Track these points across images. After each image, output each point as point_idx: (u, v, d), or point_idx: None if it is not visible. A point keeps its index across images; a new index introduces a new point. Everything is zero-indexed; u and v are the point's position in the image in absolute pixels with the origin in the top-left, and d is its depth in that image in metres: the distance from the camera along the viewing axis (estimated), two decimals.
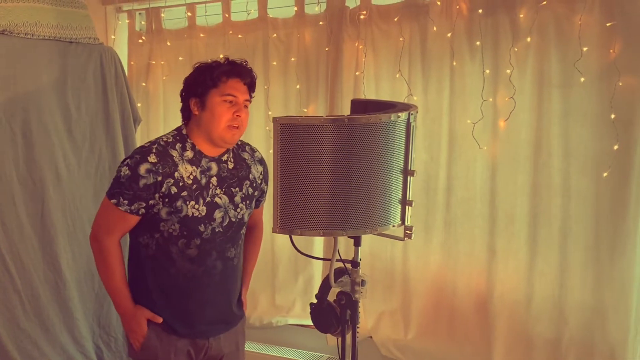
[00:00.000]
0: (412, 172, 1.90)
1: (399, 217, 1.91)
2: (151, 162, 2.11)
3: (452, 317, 2.95)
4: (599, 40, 2.58)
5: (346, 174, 1.78)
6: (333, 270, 2.01)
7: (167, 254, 2.20)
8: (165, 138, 2.21)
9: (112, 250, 2.21)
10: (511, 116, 2.74)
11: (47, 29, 2.89)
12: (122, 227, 2.20)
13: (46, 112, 2.88)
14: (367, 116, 1.82)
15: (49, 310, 2.84)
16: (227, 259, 2.28)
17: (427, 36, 2.90)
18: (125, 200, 2.12)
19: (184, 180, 2.16)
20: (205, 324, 2.30)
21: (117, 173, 2.15)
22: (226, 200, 2.24)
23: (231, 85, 2.16)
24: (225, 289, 2.32)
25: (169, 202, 2.14)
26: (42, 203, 2.83)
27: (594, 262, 2.67)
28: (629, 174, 2.56)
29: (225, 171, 2.25)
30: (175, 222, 2.17)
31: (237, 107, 2.17)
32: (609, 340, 2.64)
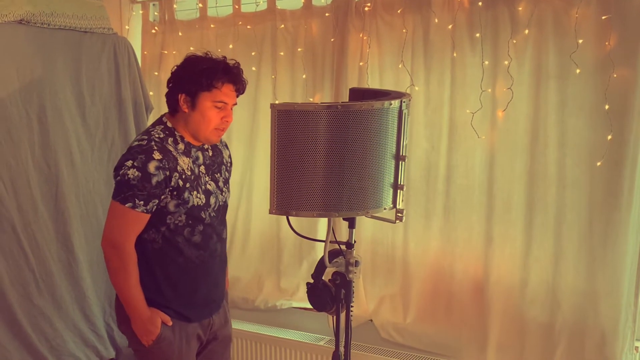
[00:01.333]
0: (404, 158, 2.00)
1: (391, 200, 2.01)
2: (157, 159, 2.16)
3: (450, 301, 3.03)
4: (595, 33, 2.64)
5: (340, 158, 1.87)
6: (327, 251, 2.12)
7: (174, 245, 2.28)
8: (157, 134, 2.25)
9: (132, 255, 2.23)
10: (509, 106, 2.81)
11: (63, 19, 3.01)
12: (139, 228, 2.23)
13: (61, 99, 3.00)
14: (360, 103, 1.91)
15: (62, 288, 2.97)
16: (223, 240, 2.42)
17: (429, 28, 2.97)
18: (141, 202, 2.15)
19: (185, 173, 2.25)
20: (211, 304, 2.42)
21: (123, 177, 2.14)
22: (214, 186, 2.35)
23: (224, 92, 2.22)
24: (223, 268, 2.47)
25: (177, 195, 2.22)
26: (56, 186, 2.96)
27: (587, 248, 2.73)
28: (622, 164, 2.62)
29: (208, 159, 2.36)
30: (183, 214, 2.25)
31: (226, 112, 2.25)
32: (601, 325, 2.71)
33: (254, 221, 3.54)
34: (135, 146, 2.21)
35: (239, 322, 3.41)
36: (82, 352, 3.03)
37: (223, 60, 2.26)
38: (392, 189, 2.00)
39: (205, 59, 2.26)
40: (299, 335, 3.33)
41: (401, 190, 2.01)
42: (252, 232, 3.55)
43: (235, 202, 3.50)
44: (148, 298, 2.28)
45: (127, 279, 2.24)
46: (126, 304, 2.27)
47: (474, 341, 2.99)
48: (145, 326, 2.27)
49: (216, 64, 2.24)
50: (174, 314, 2.32)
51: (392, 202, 2.01)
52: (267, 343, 3.35)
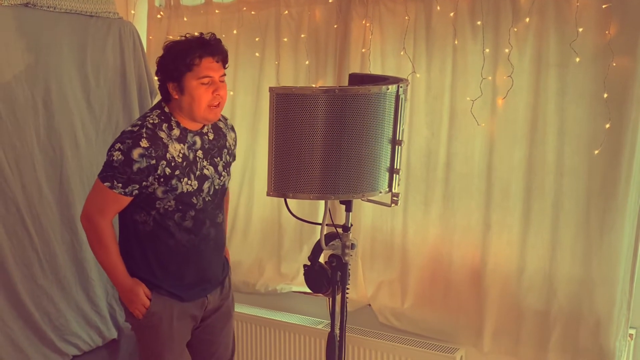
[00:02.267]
0: (400, 142, 2.03)
1: (387, 184, 2.04)
2: (143, 147, 2.20)
3: (447, 287, 3.06)
4: (595, 22, 2.64)
5: (337, 142, 1.90)
6: (324, 233, 2.15)
7: (165, 228, 2.33)
8: (152, 120, 2.29)
9: (106, 229, 2.30)
10: (509, 94, 2.82)
11: (69, 2, 3.04)
12: (116, 208, 2.30)
13: (66, 82, 3.03)
14: (357, 87, 1.94)
15: (65, 269, 3.02)
16: (218, 224, 2.44)
17: (431, 15, 2.98)
18: (119, 184, 2.21)
19: (175, 160, 2.28)
20: (204, 284, 2.46)
21: (109, 157, 2.21)
22: (212, 171, 2.38)
23: (205, 66, 2.23)
24: (218, 251, 2.50)
25: (164, 182, 2.26)
26: (60, 168, 3.00)
27: (583, 237, 2.75)
28: (620, 152, 2.63)
29: (207, 142, 2.38)
30: (172, 199, 2.29)
31: (215, 86, 2.26)
32: (596, 312, 2.74)
33: (256, 206, 3.57)
34: (128, 131, 2.26)
35: (240, 305, 3.45)
36: (84, 332, 3.09)
37: (197, 36, 2.28)
38: (388, 173, 2.03)
39: (180, 42, 2.28)
40: (298, 318, 3.37)
41: (397, 175, 2.04)
42: (253, 218, 3.59)
43: (237, 188, 3.54)
44: (140, 277, 2.36)
45: (103, 251, 2.32)
46: (108, 274, 2.37)
47: (470, 327, 3.02)
48: (127, 295, 2.35)
49: (190, 42, 2.26)
50: (166, 292, 2.38)
51: (388, 185, 2.04)
52: (267, 326, 3.40)
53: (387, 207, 2.13)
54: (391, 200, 2.09)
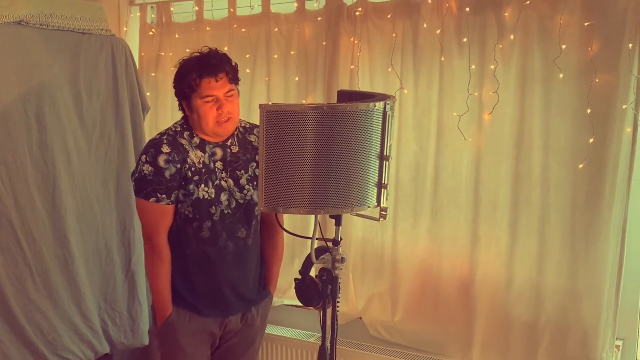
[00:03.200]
0: (387, 158, 2.07)
1: (375, 199, 2.08)
2: (166, 152, 2.29)
3: (437, 299, 3.11)
4: (578, 39, 2.71)
5: (326, 157, 1.94)
6: (314, 247, 2.18)
7: (184, 235, 2.39)
8: (174, 128, 2.41)
9: (163, 248, 2.37)
10: (495, 109, 2.88)
11: (61, 20, 3.08)
12: (167, 220, 2.37)
13: (59, 98, 3.06)
14: (345, 104, 1.98)
15: (58, 284, 3.03)
16: (238, 239, 2.44)
17: (418, 32, 3.04)
18: (163, 195, 2.29)
19: (195, 165, 2.34)
20: (222, 302, 2.48)
21: (140, 174, 2.29)
22: (231, 184, 2.40)
23: (205, 86, 2.28)
24: (241, 268, 2.48)
25: (185, 185, 2.32)
26: (53, 183, 3.02)
27: (570, 248, 2.80)
28: (604, 166, 2.69)
29: (230, 155, 2.41)
30: (189, 205, 2.34)
31: (220, 103, 2.31)
32: (583, 323, 2.78)
33: None
34: (151, 141, 2.37)
35: None
36: (77, 347, 3.09)
37: (200, 55, 2.33)
38: (377, 187, 2.07)
39: (186, 61, 2.35)
40: (290, 332, 3.41)
41: (385, 189, 2.09)
42: None
43: None
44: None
45: (155, 271, 2.39)
46: (153, 294, 2.43)
47: (460, 338, 3.06)
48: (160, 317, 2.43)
49: (191, 62, 2.32)
50: (183, 302, 2.43)
51: (376, 200, 2.08)
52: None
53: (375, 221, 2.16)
54: (380, 215, 2.13)
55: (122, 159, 3.31)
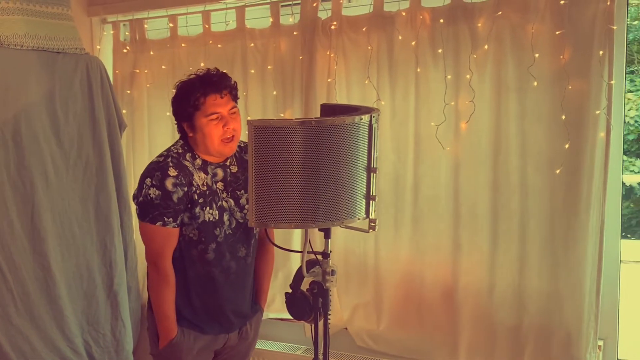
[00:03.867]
0: (375, 170, 2.10)
1: (364, 210, 2.11)
2: (173, 176, 2.27)
3: (421, 307, 3.14)
4: (550, 47, 2.78)
5: (315, 171, 1.96)
6: (305, 261, 2.20)
7: (188, 257, 2.38)
8: (175, 149, 2.37)
9: (169, 273, 2.35)
10: (471, 118, 2.93)
11: (36, 40, 3.05)
12: (173, 243, 2.35)
13: (36, 119, 3.03)
14: (333, 118, 2.01)
15: (40, 307, 2.99)
16: (239, 258, 2.46)
17: (393, 45, 3.08)
18: (170, 219, 2.28)
19: (200, 188, 2.33)
20: (225, 321, 2.49)
21: (145, 198, 2.27)
22: (232, 204, 2.40)
23: (210, 103, 2.29)
24: (240, 286, 2.50)
25: (191, 208, 2.31)
26: (32, 205, 2.98)
27: (550, 253, 2.86)
28: (580, 171, 2.76)
29: (230, 175, 2.41)
30: (195, 228, 2.34)
31: (225, 121, 2.32)
32: (565, 325, 2.84)
33: None
34: (154, 162, 2.33)
35: None
36: None
37: (201, 74, 2.34)
38: (365, 199, 2.09)
39: (187, 82, 2.34)
40: (276, 345, 3.40)
41: (373, 201, 2.11)
42: None
43: None
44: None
45: (160, 296, 2.36)
46: (157, 318, 2.40)
47: (445, 345, 3.09)
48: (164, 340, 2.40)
49: (193, 81, 2.32)
50: (187, 323, 2.42)
51: (365, 212, 2.11)
52: None
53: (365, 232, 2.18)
54: (369, 226, 2.15)
55: (100, 177, 3.28)
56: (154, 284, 2.38)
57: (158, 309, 2.38)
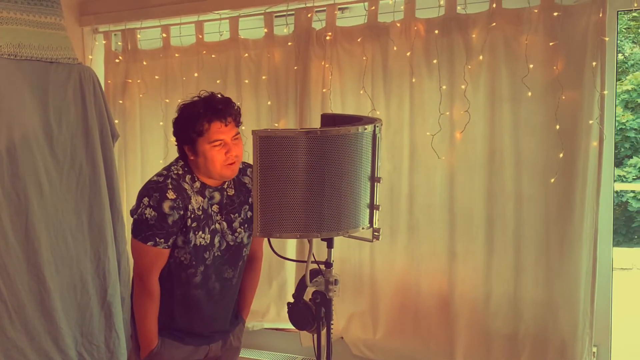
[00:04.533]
0: (379, 179, 2.11)
1: (368, 220, 2.12)
2: (171, 199, 2.25)
3: (417, 315, 3.15)
4: (544, 58, 2.83)
5: (319, 181, 1.96)
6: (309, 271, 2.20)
7: (177, 278, 2.38)
8: (176, 170, 2.34)
9: (154, 289, 2.35)
10: (466, 128, 2.97)
11: (29, 50, 3.03)
12: (162, 263, 2.35)
13: (29, 129, 3.00)
14: (338, 128, 2.01)
15: (34, 319, 2.95)
16: (225, 279, 2.45)
17: (388, 55, 3.11)
18: (162, 239, 2.27)
19: (195, 212, 2.32)
20: (207, 335, 2.49)
21: (141, 216, 2.26)
22: (224, 226, 2.40)
23: (214, 130, 2.26)
24: (224, 305, 2.50)
25: (185, 232, 2.30)
26: (26, 216, 2.95)
27: (544, 261, 2.90)
28: (574, 180, 2.80)
29: (226, 198, 2.40)
30: (188, 252, 2.33)
31: (228, 147, 2.29)
32: (560, 333, 2.87)
33: None
34: (153, 182, 2.30)
35: None
36: None
37: (205, 99, 2.30)
38: (369, 209, 2.11)
39: (190, 105, 2.30)
40: (272, 356, 3.40)
41: (377, 210, 2.13)
42: None
43: None
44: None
45: (143, 311, 2.37)
46: (139, 330, 2.40)
47: (441, 353, 3.10)
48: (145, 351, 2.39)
49: (197, 107, 2.27)
50: (167, 334, 2.41)
51: (369, 221, 2.12)
52: None
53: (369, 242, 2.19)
54: (372, 236, 2.16)
55: (94, 188, 3.26)
56: (138, 298, 2.39)
57: (139, 322, 2.39)
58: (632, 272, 6.22)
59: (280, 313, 3.48)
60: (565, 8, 2.77)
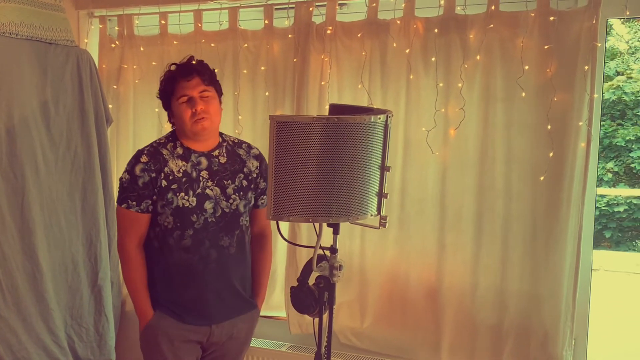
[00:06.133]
0: (388, 168, 2.18)
1: (376, 208, 2.19)
2: (143, 162, 2.39)
3: (405, 306, 3.23)
4: (538, 61, 2.93)
5: (332, 168, 2.03)
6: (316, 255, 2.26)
7: (166, 245, 2.43)
8: (159, 140, 2.51)
9: (133, 253, 2.42)
10: (461, 125, 3.05)
11: (30, 29, 3.03)
12: (137, 228, 2.43)
13: (27, 109, 3.00)
14: (353, 117, 2.08)
15: (27, 300, 2.95)
16: (222, 247, 2.49)
17: (386, 51, 3.18)
18: (134, 202, 2.38)
19: (174, 174, 2.39)
20: (206, 311, 2.50)
21: (120, 181, 2.42)
22: (217, 192, 2.46)
23: (180, 86, 2.42)
24: (224, 276, 2.52)
25: (161, 195, 2.37)
26: (22, 196, 2.95)
27: (531, 255, 3.00)
28: (562, 178, 2.91)
29: (217, 165, 2.48)
30: (169, 215, 2.39)
31: (193, 102, 2.41)
32: (544, 324, 2.98)
33: None
34: (136, 152, 2.45)
35: None
36: None
37: (178, 64, 2.49)
38: (377, 197, 2.18)
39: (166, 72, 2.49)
40: (261, 342, 3.43)
41: (385, 199, 2.20)
42: None
43: None
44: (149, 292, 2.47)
45: (128, 277, 2.45)
46: (131, 298, 2.48)
47: (428, 343, 3.19)
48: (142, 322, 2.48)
49: (170, 71, 2.48)
50: (166, 309, 2.46)
51: (376, 209, 2.19)
52: None
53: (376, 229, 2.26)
54: (379, 223, 2.23)
55: (88, 171, 3.26)
56: (123, 267, 2.48)
57: (129, 290, 2.47)
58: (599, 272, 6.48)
59: (269, 301, 3.52)
60: (560, 13, 2.88)
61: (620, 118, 8.85)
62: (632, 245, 9.04)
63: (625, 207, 8.88)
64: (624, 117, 8.88)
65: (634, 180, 9.11)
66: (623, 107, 8.76)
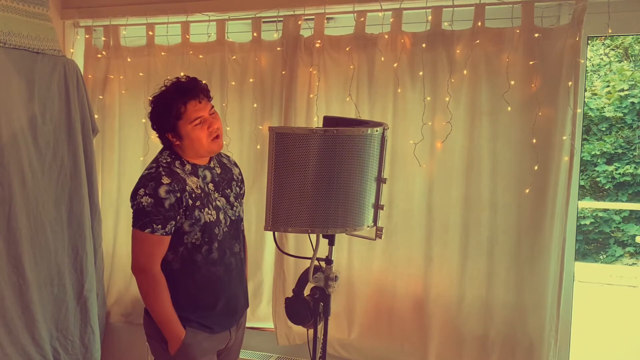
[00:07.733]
0: (384, 180, 2.22)
1: (372, 219, 2.22)
2: (166, 183, 2.31)
3: (392, 317, 3.26)
4: (523, 76, 3.00)
5: (330, 179, 2.06)
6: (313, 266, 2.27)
7: (192, 263, 2.40)
8: (163, 159, 2.41)
9: (159, 277, 2.36)
10: (447, 138, 3.11)
11: (18, 38, 3.01)
12: (162, 250, 2.36)
13: (15, 118, 2.98)
14: (351, 129, 2.11)
15: (12, 311, 2.91)
16: (236, 254, 2.52)
17: (374, 65, 3.23)
18: (159, 225, 2.29)
19: (194, 191, 2.37)
20: (232, 315, 2.54)
21: (138, 206, 2.30)
22: (224, 202, 2.47)
23: (191, 109, 2.36)
24: (239, 281, 2.57)
25: (189, 214, 2.34)
26: (9, 206, 2.92)
27: (516, 267, 3.06)
28: (546, 191, 2.97)
29: (216, 176, 2.49)
30: (198, 232, 2.37)
31: (208, 122, 2.40)
32: (528, 335, 3.03)
33: None
34: (146, 174, 2.35)
35: None
36: None
37: (173, 84, 2.40)
38: (373, 208, 2.21)
39: (161, 94, 2.39)
40: (249, 354, 3.42)
41: (381, 210, 2.23)
42: None
43: None
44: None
45: (158, 301, 2.36)
46: (160, 324, 2.38)
47: (415, 353, 3.22)
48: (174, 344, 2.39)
49: (169, 94, 2.37)
50: (196, 324, 2.43)
51: (372, 220, 2.22)
52: None
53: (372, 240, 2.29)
54: (375, 234, 2.26)
55: (74, 182, 3.24)
56: (149, 290, 2.38)
57: (159, 314, 2.37)
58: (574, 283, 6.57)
59: (256, 313, 3.53)
60: (544, 30, 2.96)
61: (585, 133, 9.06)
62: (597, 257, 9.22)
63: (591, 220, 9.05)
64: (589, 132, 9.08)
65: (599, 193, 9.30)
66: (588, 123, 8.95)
